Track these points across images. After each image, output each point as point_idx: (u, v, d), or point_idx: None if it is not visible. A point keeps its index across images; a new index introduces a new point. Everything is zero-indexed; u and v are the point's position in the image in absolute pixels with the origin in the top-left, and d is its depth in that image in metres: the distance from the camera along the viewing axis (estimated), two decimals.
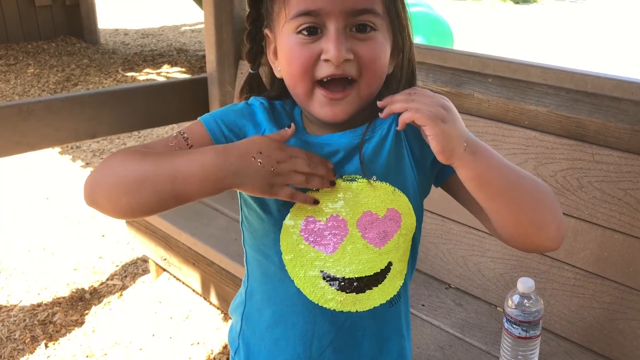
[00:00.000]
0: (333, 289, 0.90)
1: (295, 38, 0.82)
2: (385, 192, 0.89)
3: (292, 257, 0.89)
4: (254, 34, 0.92)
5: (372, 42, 0.82)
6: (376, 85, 0.85)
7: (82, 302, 2.47)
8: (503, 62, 1.71)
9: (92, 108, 2.33)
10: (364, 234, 0.89)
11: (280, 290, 0.92)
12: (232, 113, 0.91)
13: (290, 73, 0.84)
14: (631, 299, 1.47)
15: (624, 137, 1.48)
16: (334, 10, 0.79)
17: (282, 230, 0.89)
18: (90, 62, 6.23)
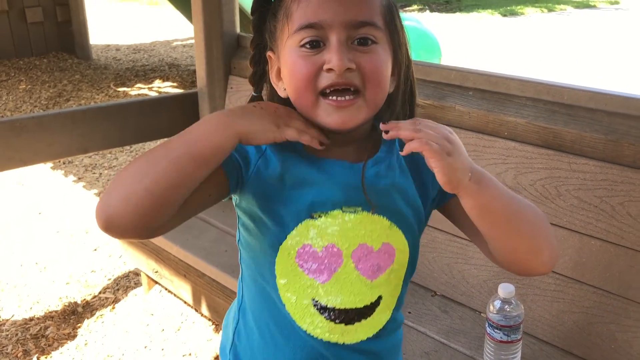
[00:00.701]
0: (323, 318, 0.91)
1: (298, 52, 0.83)
2: (382, 226, 0.91)
3: (286, 282, 0.91)
4: (257, 58, 0.95)
5: (374, 54, 0.84)
6: (381, 96, 0.87)
7: (74, 315, 2.50)
8: (483, 75, 1.77)
9: (84, 123, 2.37)
10: (358, 266, 0.90)
11: (272, 312, 0.94)
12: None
13: (294, 86, 0.85)
14: (608, 302, 1.52)
15: (599, 147, 1.54)
16: (336, 22, 0.81)
17: (279, 253, 0.89)
18: (82, 77, 6.27)
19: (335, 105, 0.83)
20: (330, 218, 0.88)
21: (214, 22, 2.47)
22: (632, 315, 1.48)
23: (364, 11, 0.83)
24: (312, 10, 0.82)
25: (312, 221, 0.88)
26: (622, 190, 1.49)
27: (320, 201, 0.88)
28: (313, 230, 0.88)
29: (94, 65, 6.85)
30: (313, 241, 0.88)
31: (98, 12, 10.57)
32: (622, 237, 1.49)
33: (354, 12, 0.82)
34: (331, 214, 0.88)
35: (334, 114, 0.84)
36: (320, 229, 0.88)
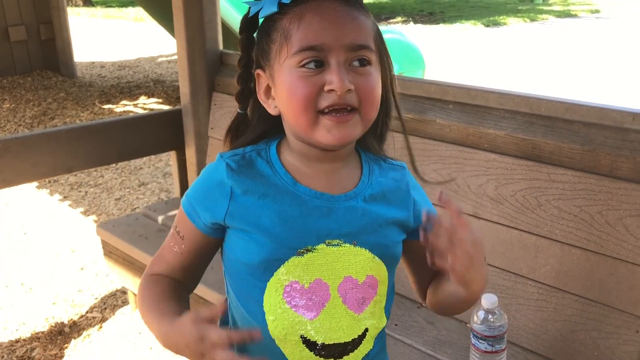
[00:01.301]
0: (312, 354, 0.93)
1: (297, 72, 0.86)
2: (365, 258, 0.94)
3: (274, 319, 0.92)
4: (245, 77, 0.98)
5: (369, 75, 0.88)
6: (374, 113, 0.91)
7: (61, 336, 2.48)
8: (462, 89, 1.80)
9: (68, 143, 2.37)
10: (345, 300, 0.93)
11: (262, 344, 0.94)
12: (201, 189, 0.96)
13: (292, 106, 0.88)
14: (590, 310, 1.54)
15: (576, 157, 1.57)
16: (336, 45, 0.85)
17: (266, 291, 0.92)
18: (67, 95, 6.26)
19: (335, 121, 0.86)
20: (315, 253, 0.91)
21: (197, 39, 2.49)
22: (613, 322, 1.50)
23: (361, 35, 0.88)
24: (313, 33, 0.86)
25: (298, 258, 0.90)
26: (600, 200, 1.52)
27: (305, 239, 0.91)
28: (299, 266, 0.91)
29: (79, 82, 6.84)
30: (300, 277, 0.91)
31: (82, 30, 10.57)
32: (602, 246, 1.51)
33: (352, 36, 0.87)
34: (316, 249, 0.91)
35: (333, 130, 0.87)
36: (306, 265, 0.91)
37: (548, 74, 7.94)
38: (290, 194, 0.92)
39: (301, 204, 0.91)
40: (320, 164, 0.94)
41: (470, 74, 7.69)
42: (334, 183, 0.94)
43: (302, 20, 0.86)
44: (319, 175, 0.94)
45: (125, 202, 3.85)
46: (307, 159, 0.94)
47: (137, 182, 4.17)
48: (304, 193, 0.92)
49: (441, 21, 12.81)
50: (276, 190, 0.92)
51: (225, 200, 0.91)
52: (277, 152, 0.96)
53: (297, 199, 0.91)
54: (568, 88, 6.93)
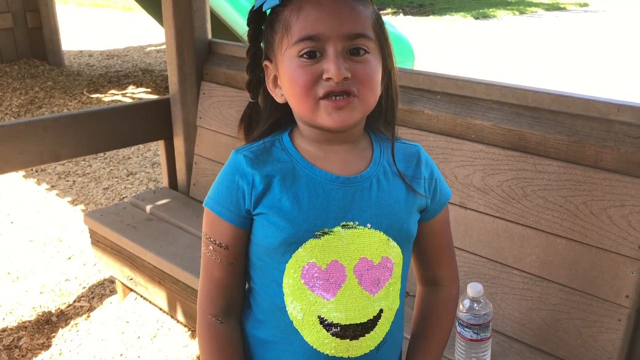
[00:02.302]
0: (329, 335, 0.96)
1: (297, 61, 0.90)
2: (379, 240, 0.97)
3: (293, 299, 0.96)
4: (253, 66, 1.01)
5: (367, 63, 0.91)
6: (374, 99, 0.94)
7: (48, 325, 2.47)
8: (450, 79, 1.81)
9: (55, 131, 2.36)
10: (360, 281, 0.96)
11: (279, 325, 0.99)
12: (225, 185, 0.98)
13: (294, 94, 0.92)
14: (574, 299, 1.56)
15: (562, 148, 1.59)
16: (333, 35, 0.88)
17: (285, 272, 0.96)
18: (55, 84, 6.20)
19: (333, 105, 0.89)
20: (331, 235, 0.94)
21: (185, 28, 2.48)
22: (597, 311, 1.52)
23: (358, 24, 0.90)
24: (310, 23, 0.89)
25: (315, 240, 0.94)
26: (585, 190, 1.54)
27: (322, 221, 0.94)
28: (317, 248, 0.94)
29: (67, 71, 6.78)
30: (317, 259, 0.94)
31: (70, 18, 10.47)
32: (586, 236, 1.53)
33: (349, 25, 0.89)
34: (332, 231, 0.94)
35: (333, 113, 0.90)
36: (323, 247, 0.94)
37: (537, 65, 7.98)
38: (306, 177, 0.96)
39: (317, 187, 0.95)
40: (332, 146, 0.98)
41: (459, 65, 7.70)
42: (347, 164, 0.98)
43: (301, 11, 0.89)
44: (333, 158, 0.98)
45: (113, 191, 3.84)
46: (319, 143, 0.98)
47: (126, 171, 4.16)
48: (320, 176, 0.96)
49: (431, 13, 12.81)
50: (293, 174, 0.96)
51: (249, 187, 0.95)
52: (291, 140, 1.00)
53: (313, 182, 0.96)
54: (556, 80, 6.97)
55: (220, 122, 2.48)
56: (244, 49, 2.52)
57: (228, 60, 2.50)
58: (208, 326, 1.02)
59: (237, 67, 2.44)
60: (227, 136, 2.46)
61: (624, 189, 1.48)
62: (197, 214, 2.47)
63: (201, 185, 2.59)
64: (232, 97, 2.44)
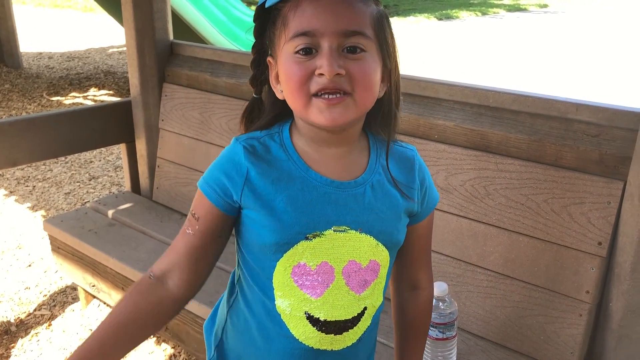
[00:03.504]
0: (314, 329, 0.98)
1: (293, 57, 0.90)
2: (369, 244, 0.98)
3: (282, 294, 0.98)
4: (258, 62, 1.00)
5: (363, 61, 0.90)
6: (370, 99, 0.93)
7: (7, 335, 2.40)
8: (413, 80, 1.82)
9: (11, 136, 2.29)
10: (348, 282, 0.98)
11: (266, 319, 1.00)
12: (218, 168, 0.98)
13: (289, 89, 0.92)
14: (537, 296, 1.58)
15: (523, 147, 1.61)
16: (327, 31, 0.88)
17: (276, 269, 0.96)
18: (13, 87, 6.04)
19: (325, 103, 0.89)
20: (322, 238, 0.95)
21: (146, 30, 2.44)
22: (558, 307, 1.54)
23: (354, 21, 0.90)
24: (306, 19, 0.89)
25: (307, 242, 0.95)
26: (546, 188, 1.56)
27: (314, 224, 0.95)
28: (308, 250, 0.95)
29: (25, 74, 6.61)
30: (308, 259, 0.95)
31: (28, 19, 10.22)
32: (547, 233, 1.56)
33: (344, 22, 0.89)
34: (324, 234, 0.95)
35: (325, 111, 0.89)
36: (314, 248, 0.95)
37: (498, 66, 8.11)
38: (302, 179, 0.96)
39: (312, 190, 0.95)
40: (328, 148, 0.98)
41: (423, 66, 7.78)
42: (342, 168, 0.98)
43: (298, 8, 0.90)
44: (328, 161, 0.98)
45: (75, 196, 3.75)
46: (316, 144, 0.98)
47: (88, 175, 4.07)
48: (315, 179, 0.96)
49: (395, 14, 12.91)
50: (289, 175, 0.96)
51: (241, 179, 0.95)
52: (290, 136, 0.99)
53: (308, 184, 0.95)
54: (518, 80, 7.09)
55: (182, 124, 2.45)
56: (205, 50, 2.51)
57: (190, 61, 2.46)
58: (139, 279, 1.01)
59: (200, 68, 2.41)
60: (189, 138, 2.43)
61: (583, 186, 1.51)
62: (160, 218, 2.43)
63: (164, 188, 2.55)
64: (195, 98, 2.41)
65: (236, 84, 2.28)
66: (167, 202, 2.53)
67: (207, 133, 2.36)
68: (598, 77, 7.48)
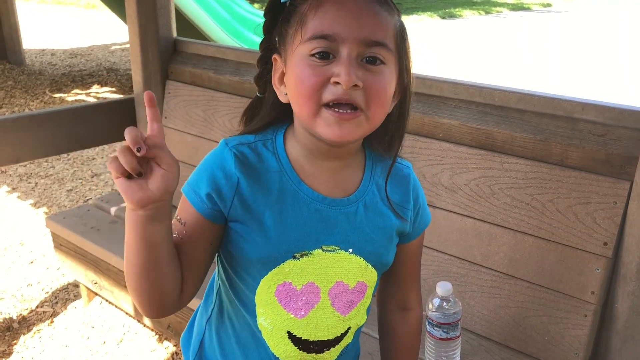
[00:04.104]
0: (296, 348, 0.96)
1: (308, 60, 0.83)
2: (358, 265, 0.94)
3: (264, 312, 0.94)
4: (265, 60, 0.95)
5: (381, 75, 0.84)
6: (381, 117, 0.87)
7: (9, 332, 2.40)
8: (418, 78, 1.79)
9: (14, 132, 2.28)
10: (333, 302, 0.94)
11: (246, 334, 0.97)
12: (206, 175, 0.90)
13: (298, 94, 0.85)
14: (541, 296, 1.57)
15: (529, 146, 1.60)
16: (349, 38, 0.82)
17: (259, 286, 0.92)
18: (15, 84, 6.04)
19: (336, 117, 0.83)
20: (310, 257, 0.91)
21: (150, 26, 2.43)
22: (563, 307, 1.53)
23: (378, 31, 0.84)
24: (328, 22, 0.82)
25: (294, 261, 0.90)
26: (551, 188, 1.55)
27: (303, 243, 0.90)
28: (295, 269, 0.91)
29: (28, 70, 6.61)
30: (293, 279, 0.91)
31: (31, 16, 10.22)
32: (553, 233, 1.55)
33: (368, 30, 0.83)
34: (312, 253, 0.91)
35: (333, 125, 0.83)
36: (301, 268, 0.91)
37: (503, 65, 8.09)
38: (293, 193, 0.90)
39: (302, 206, 0.90)
40: (323, 161, 0.92)
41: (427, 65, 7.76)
42: (335, 184, 0.93)
43: (319, 8, 0.83)
44: (321, 175, 0.92)
45: (77, 193, 3.75)
46: (312, 155, 0.92)
47: (90, 172, 4.07)
48: (307, 194, 0.91)
49: None
50: (280, 188, 0.90)
51: (231, 190, 0.88)
52: (284, 143, 0.93)
53: (299, 199, 0.90)
54: (522, 79, 7.07)
55: (186, 122, 2.44)
56: (209, 47, 2.50)
57: (194, 59, 2.46)
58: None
59: (203, 66, 2.40)
60: (193, 136, 2.42)
61: (589, 186, 1.49)
62: None
63: None
64: (198, 96, 2.40)
65: (240, 81, 2.27)
66: None
67: (210, 131, 2.35)
68: (603, 77, 7.45)
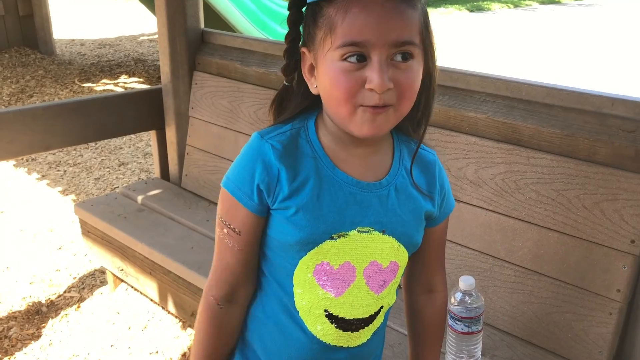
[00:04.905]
0: (332, 327, 0.99)
1: (341, 65, 0.86)
2: (391, 246, 0.98)
3: (302, 292, 0.98)
4: (291, 51, 0.97)
5: (410, 70, 0.87)
6: (408, 108, 0.91)
7: (38, 315, 2.46)
8: (445, 71, 1.80)
9: (45, 120, 2.33)
10: (368, 282, 0.98)
11: (286, 312, 1.01)
12: (248, 171, 0.95)
13: (333, 97, 0.89)
14: (565, 293, 1.56)
15: (556, 141, 1.58)
16: (379, 43, 0.84)
17: (297, 267, 0.96)
18: (46, 73, 6.15)
19: (371, 112, 0.87)
20: (347, 238, 0.95)
21: (178, 18, 2.45)
22: (587, 305, 1.52)
23: (405, 31, 0.86)
24: (357, 29, 0.85)
25: (331, 242, 0.94)
26: (578, 184, 1.53)
27: (339, 224, 0.94)
28: (332, 249, 0.95)
29: (58, 60, 6.72)
30: (331, 259, 0.95)
31: (61, 6, 10.37)
32: (578, 229, 1.53)
33: (397, 32, 0.85)
34: (348, 234, 0.95)
35: (368, 123, 0.88)
36: (338, 248, 0.95)
37: (531, 58, 7.98)
38: (328, 178, 0.95)
39: (338, 190, 0.95)
40: (354, 148, 0.96)
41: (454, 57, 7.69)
42: (367, 169, 0.97)
43: (347, 13, 0.85)
44: (353, 161, 0.97)
45: (104, 181, 3.81)
46: (343, 142, 0.96)
47: (117, 161, 4.13)
48: (341, 179, 0.95)
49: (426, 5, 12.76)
50: (316, 173, 0.94)
51: (275, 182, 0.93)
52: (316, 130, 0.98)
53: (334, 184, 0.95)
54: (550, 73, 6.97)
55: (212, 113, 2.46)
56: (236, 39, 2.51)
57: (221, 50, 2.47)
58: (208, 306, 1.03)
59: (230, 57, 2.42)
60: (219, 127, 2.44)
61: (617, 182, 1.47)
62: (188, 205, 2.46)
63: (193, 176, 2.57)
64: (225, 87, 2.42)
65: (266, 73, 2.29)
66: (195, 190, 2.56)
67: (235, 122, 2.37)
68: (634, 73, 7.30)
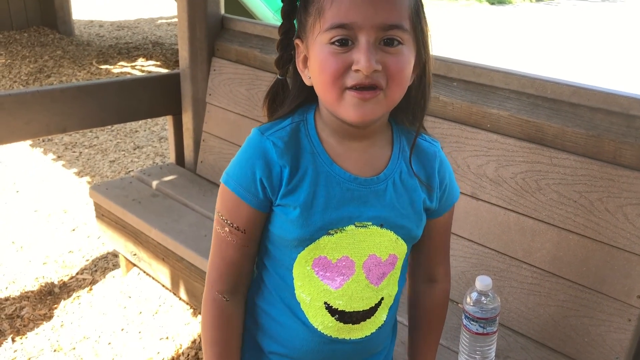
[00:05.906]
0: (333, 319, 1.00)
1: (328, 48, 0.87)
2: (389, 239, 0.98)
3: (301, 284, 0.99)
4: (285, 44, 0.98)
5: (399, 55, 0.87)
6: (400, 94, 0.91)
7: (50, 296, 2.47)
8: (468, 66, 1.76)
9: (63, 102, 2.33)
10: (367, 275, 0.99)
11: (288, 304, 1.02)
12: (250, 169, 0.95)
13: (321, 80, 0.89)
14: (583, 297, 1.53)
15: (580, 142, 1.54)
16: (366, 25, 0.85)
17: (296, 261, 0.97)
18: (64, 53, 6.16)
19: (358, 97, 0.87)
20: (344, 233, 0.95)
21: (198, 2, 2.43)
22: (606, 310, 1.49)
23: (393, 14, 0.87)
24: (344, 11, 0.85)
25: (328, 237, 0.95)
26: (601, 186, 1.50)
27: (336, 221, 0.95)
28: (329, 244, 0.96)
29: (76, 41, 6.73)
30: (328, 253, 0.96)
31: None
32: (599, 233, 1.50)
33: (384, 15, 0.86)
34: (345, 230, 0.95)
35: (357, 107, 0.88)
36: (335, 243, 0.96)
37: (553, 55, 7.86)
38: (326, 174, 0.95)
39: (335, 186, 0.95)
40: (352, 142, 0.97)
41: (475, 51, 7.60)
42: (364, 164, 0.97)
43: None
44: (351, 155, 0.97)
45: (119, 164, 3.82)
46: (340, 136, 0.97)
47: (133, 145, 4.13)
48: (339, 175, 0.95)
49: None
50: (315, 169, 0.95)
51: (276, 179, 0.94)
52: (314, 125, 0.98)
53: (332, 180, 0.95)
54: (574, 70, 6.87)
55: (229, 100, 2.44)
56: (256, 26, 2.49)
57: (240, 36, 2.45)
58: (213, 301, 1.03)
59: (249, 44, 2.40)
60: (236, 114, 2.42)
61: None
62: (203, 192, 2.45)
63: (208, 162, 2.56)
64: (243, 74, 2.40)
65: None
66: (210, 177, 2.55)
67: (253, 110, 2.35)
68: None
